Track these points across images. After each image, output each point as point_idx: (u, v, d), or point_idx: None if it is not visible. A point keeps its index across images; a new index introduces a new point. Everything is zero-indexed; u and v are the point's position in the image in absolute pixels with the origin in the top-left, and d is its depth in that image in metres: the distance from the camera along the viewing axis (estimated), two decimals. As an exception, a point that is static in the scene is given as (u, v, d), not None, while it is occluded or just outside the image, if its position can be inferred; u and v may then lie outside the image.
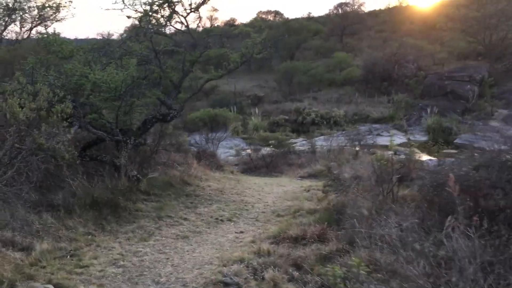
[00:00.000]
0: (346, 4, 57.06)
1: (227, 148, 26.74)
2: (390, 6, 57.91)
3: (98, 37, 33.80)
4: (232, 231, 8.00)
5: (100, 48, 11.04)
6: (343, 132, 33.47)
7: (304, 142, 30.82)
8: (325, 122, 35.18)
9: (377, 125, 34.86)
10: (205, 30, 15.71)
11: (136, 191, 9.23)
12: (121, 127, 10.17)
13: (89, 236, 7.04)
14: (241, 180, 13.31)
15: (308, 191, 11.43)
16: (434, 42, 47.13)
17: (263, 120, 35.48)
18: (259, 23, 28.60)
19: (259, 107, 38.63)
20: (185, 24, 11.54)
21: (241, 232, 7.94)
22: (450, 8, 44.42)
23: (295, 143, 29.20)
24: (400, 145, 30.69)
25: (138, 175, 9.66)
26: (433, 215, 7.20)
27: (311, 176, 15.80)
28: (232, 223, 8.60)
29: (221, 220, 8.73)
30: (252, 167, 21.34)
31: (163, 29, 11.66)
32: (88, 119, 9.37)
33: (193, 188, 10.62)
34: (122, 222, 7.90)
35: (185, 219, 8.57)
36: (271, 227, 7.93)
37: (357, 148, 23.12)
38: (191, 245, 7.14)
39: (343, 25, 53.85)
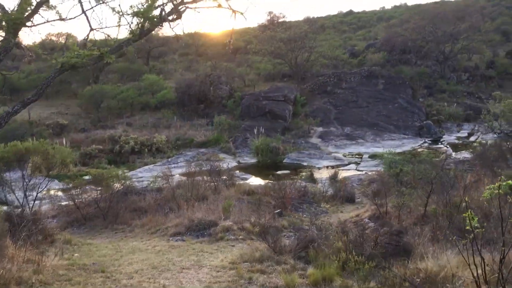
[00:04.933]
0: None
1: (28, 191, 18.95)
2: (192, 32, 54.51)
3: None
4: None
5: None
6: (169, 159, 28.23)
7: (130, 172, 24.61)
8: (146, 149, 29.22)
9: (203, 150, 30.41)
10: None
11: None
12: None
13: None
14: (107, 267, 7.20)
15: (247, 278, 6.00)
16: (241, 64, 45.06)
17: (72, 152, 27.72)
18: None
19: (65, 137, 30.63)
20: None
21: None
22: (255, 31, 42.91)
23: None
24: (232, 169, 26.67)
25: None
26: None
27: (191, 231, 10.26)
28: None
29: None
30: (80, 218, 14.68)
31: None
32: None
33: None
34: None
35: None
36: None
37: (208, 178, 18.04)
38: None
39: (148, 47, 48.45)
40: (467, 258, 4.08)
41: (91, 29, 7.20)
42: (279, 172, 25.51)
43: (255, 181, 23.71)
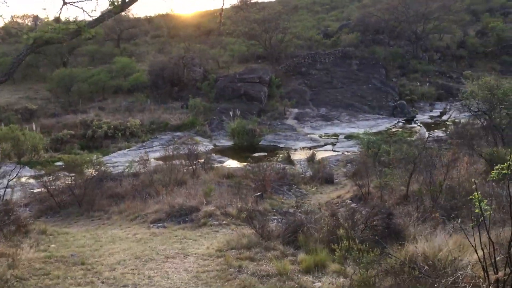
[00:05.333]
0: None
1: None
2: (164, 13, 53.32)
3: None
4: None
5: None
6: (144, 143, 27.61)
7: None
8: (120, 134, 28.48)
9: (179, 133, 29.87)
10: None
11: None
12: None
13: None
14: (86, 258, 6.79)
15: (236, 266, 5.72)
16: (215, 46, 44.26)
17: (43, 138, 26.81)
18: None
19: (34, 122, 29.56)
20: None
21: None
22: (227, 12, 42.05)
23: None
24: (208, 152, 26.23)
25: None
26: None
27: (172, 217, 9.92)
28: None
29: None
30: (54, 206, 14.17)
31: None
32: None
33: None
34: None
35: None
36: None
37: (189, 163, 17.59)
38: None
39: (119, 29, 47.01)
40: (473, 240, 3.88)
41: (64, 3, 6.58)
42: (255, 155, 25.25)
43: (231, 163, 23.42)
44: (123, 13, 46.26)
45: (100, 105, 34.44)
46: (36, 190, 16.59)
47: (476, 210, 3.68)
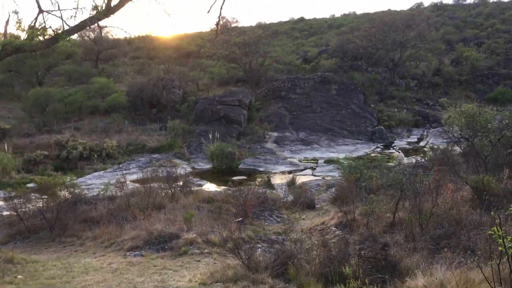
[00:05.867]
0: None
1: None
2: (143, 35, 52.98)
3: None
4: None
5: None
6: (121, 165, 26.83)
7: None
8: (96, 155, 27.68)
9: (156, 155, 29.20)
10: None
11: None
12: None
13: None
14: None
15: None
16: (194, 68, 44.01)
17: (15, 158, 25.83)
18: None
19: (6, 142, 28.53)
20: None
21: None
22: (207, 35, 42.11)
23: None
24: (187, 175, 25.57)
25: None
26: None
27: (151, 244, 9.34)
28: None
29: None
30: (23, 231, 13.41)
31: None
32: None
33: None
34: None
35: None
36: None
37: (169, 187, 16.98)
38: None
39: (97, 49, 46.42)
40: (493, 280, 3.50)
41: (41, 11, 6.01)
42: (235, 178, 24.81)
43: (210, 187, 22.89)
44: (102, 34, 45.85)
45: (76, 125, 33.60)
46: (5, 213, 15.75)
47: (500, 248, 3.33)
